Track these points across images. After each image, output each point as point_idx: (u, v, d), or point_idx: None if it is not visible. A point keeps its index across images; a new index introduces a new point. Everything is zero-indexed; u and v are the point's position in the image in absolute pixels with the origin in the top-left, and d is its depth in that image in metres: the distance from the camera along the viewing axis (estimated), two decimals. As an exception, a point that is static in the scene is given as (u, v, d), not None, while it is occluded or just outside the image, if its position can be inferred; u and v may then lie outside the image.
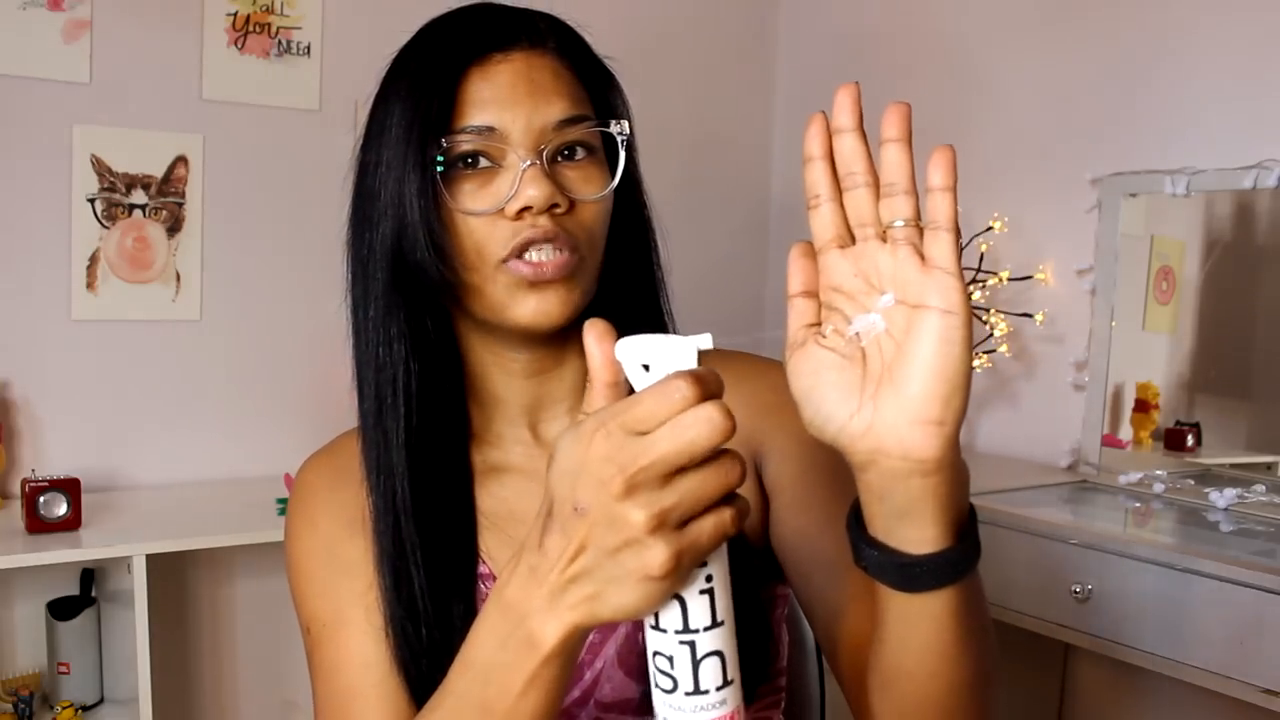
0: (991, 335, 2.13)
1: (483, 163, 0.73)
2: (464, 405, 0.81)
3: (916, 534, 0.54)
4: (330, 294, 2.63)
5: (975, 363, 2.13)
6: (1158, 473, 1.96)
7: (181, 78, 2.09)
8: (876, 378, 0.52)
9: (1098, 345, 2.09)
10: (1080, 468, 2.10)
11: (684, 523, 0.50)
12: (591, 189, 0.75)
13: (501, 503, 0.81)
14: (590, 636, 0.76)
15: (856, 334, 0.53)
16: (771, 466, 0.80)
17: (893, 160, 0.53)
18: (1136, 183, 2.02)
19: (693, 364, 0.51)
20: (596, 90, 0.78)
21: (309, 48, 2.20)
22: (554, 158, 0.73)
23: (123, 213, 2.05)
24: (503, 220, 0.72)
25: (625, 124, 0.77)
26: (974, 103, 2.33)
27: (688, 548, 0.50)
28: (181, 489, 2.09)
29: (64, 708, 1.83)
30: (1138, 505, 1.88)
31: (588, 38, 0.80)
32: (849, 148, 0.53)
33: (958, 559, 0.55)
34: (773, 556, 0.81)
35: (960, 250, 0.52)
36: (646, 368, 0.52)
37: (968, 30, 2.35)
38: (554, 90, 0.74)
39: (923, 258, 0.52)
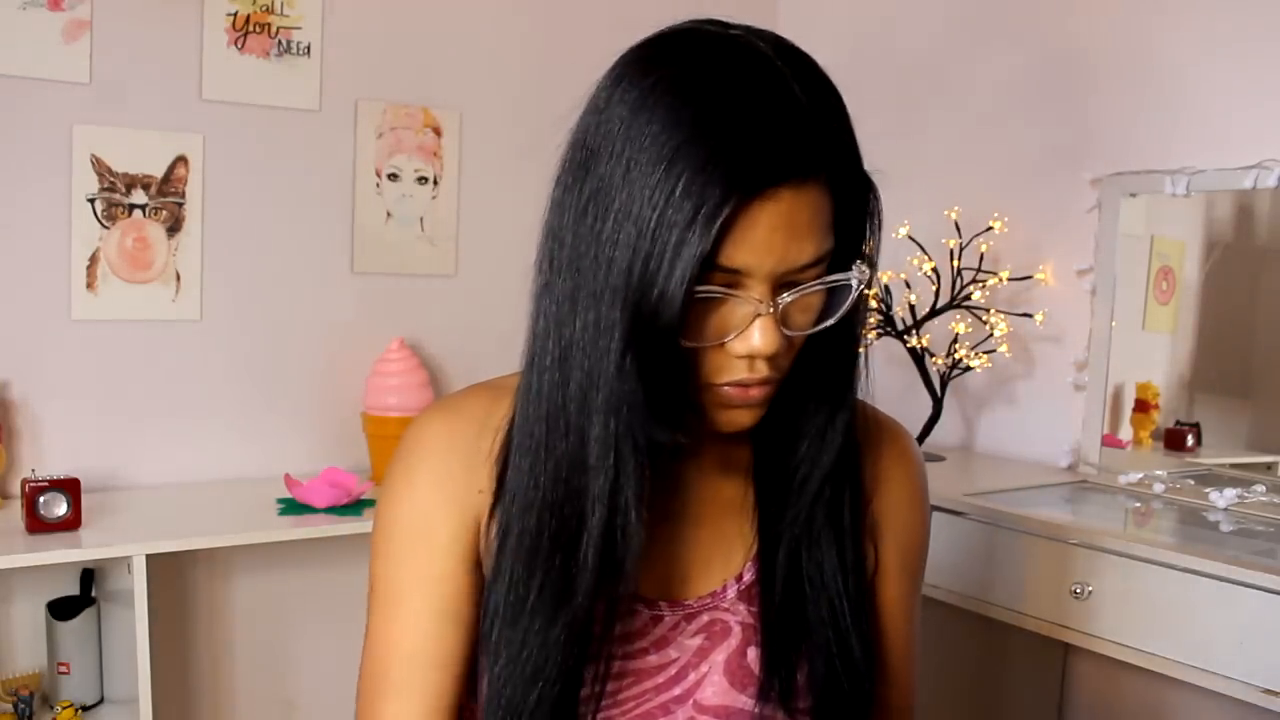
0: (991, 335, 2.13)
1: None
2: None
3: None
4: (330, 294, 2.65)
5: (975, 362, 2.13)
6: (1158, 473, 1.96)
7: (181, 78, 2.09)
8: None
9: (1098, 345, 2.09)
10: (1080, 468, 2.10)
11: None
12: (808, 320, 0.72)
13: None
14: (699, 641, 0.80)
15: None
16: (878, 539, 0.86)
17: None
18: (1136, 183, 2.02)
19: None
20: (850, 217, 0.72)
21: (309, 48, 2.20)
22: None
23: (123, 213, 2.05)
24: (721, 350, 0.69)
25: (865, 270, 0.72)
26: (974, 102, 2.33)
27: None
28: (181, 489, 2.09)
29: (64, 708, 1.83)
30: (1138, 505, 1.88)
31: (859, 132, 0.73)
32: None
33: None
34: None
35: None
36: None
37: (966, 30, 2.35)
38: (808, 232, 0.67)
39: None
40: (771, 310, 0.68)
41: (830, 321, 0.72)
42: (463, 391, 0.85)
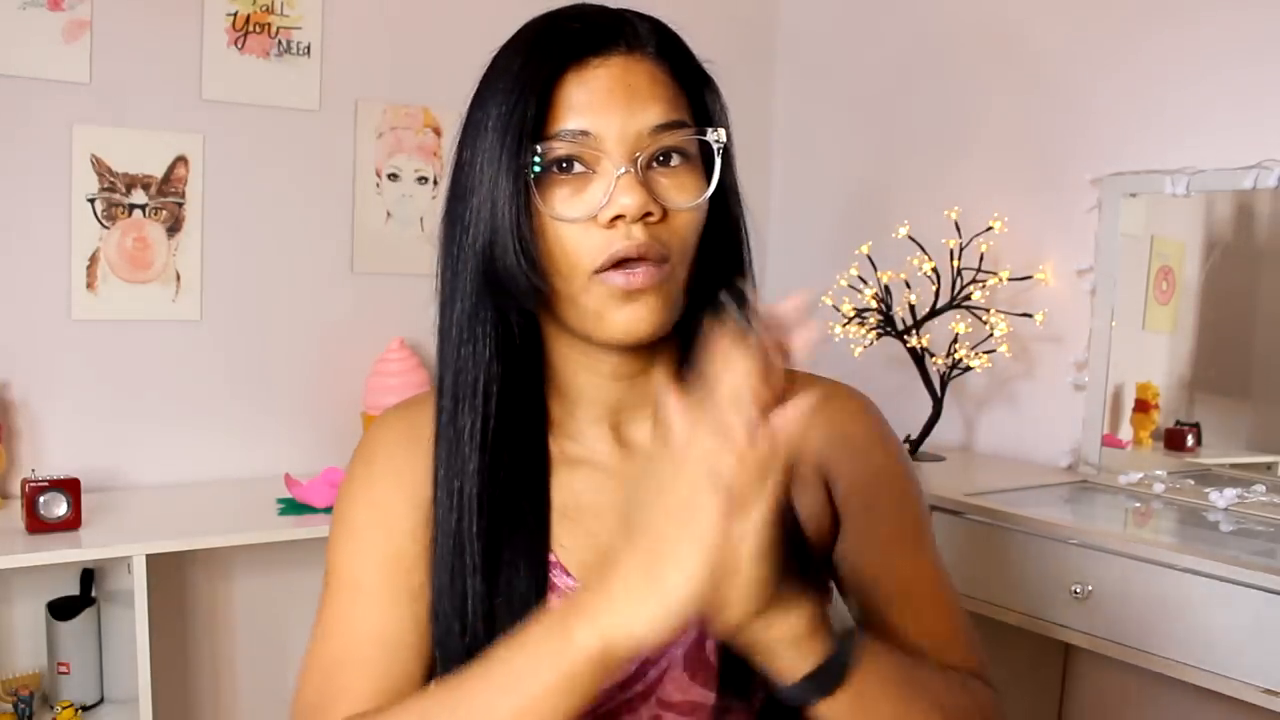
0: (991, 335, 2.13)
1: (577, 168, 0.72)
2: (543, 397, 0.82)
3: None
4: (330, 294, 2.65)
5: (975, 363, 2.13)
6: (1158, 473, 1.96)
7: (181, 78, 2.09)
8: None
9: (1098, 345, 2.09)
10: (1080, 468, 2.10)
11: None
12: (685, 197, 0.74)
13: (575, 495, 0.81)
14: None
15: None
16: (840, 491, 0.84)
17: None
18: (1136, 183, 2.02)
19: None
20: (694, 94, 0.77)
21: (309, 48, 2.20)
22: (649, 164, 0.73)
23: (123, 213, 2.05)
24: (595, 228, 0.72)
25: (722, 131, 0.76)
26: (974, 102, 2.33)
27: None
28: (181, 489, 2.09)
29: (64, 708, 1.83)
30: (1138, 505, 1.88)
31: (687, 40, 0.79)
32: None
33: (790, 695, 0.64)
34: (828, 569, 0.85)
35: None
36: None
37: (966, 30, 2.35)
38: (650, 94, 0.73)
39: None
40: (629, 170, 0.71)
41: (708, 192, 0.75)
42: (420, 394, 0.87)
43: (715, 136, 0.76)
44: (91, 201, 2.02)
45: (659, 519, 0.59)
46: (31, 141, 1.96)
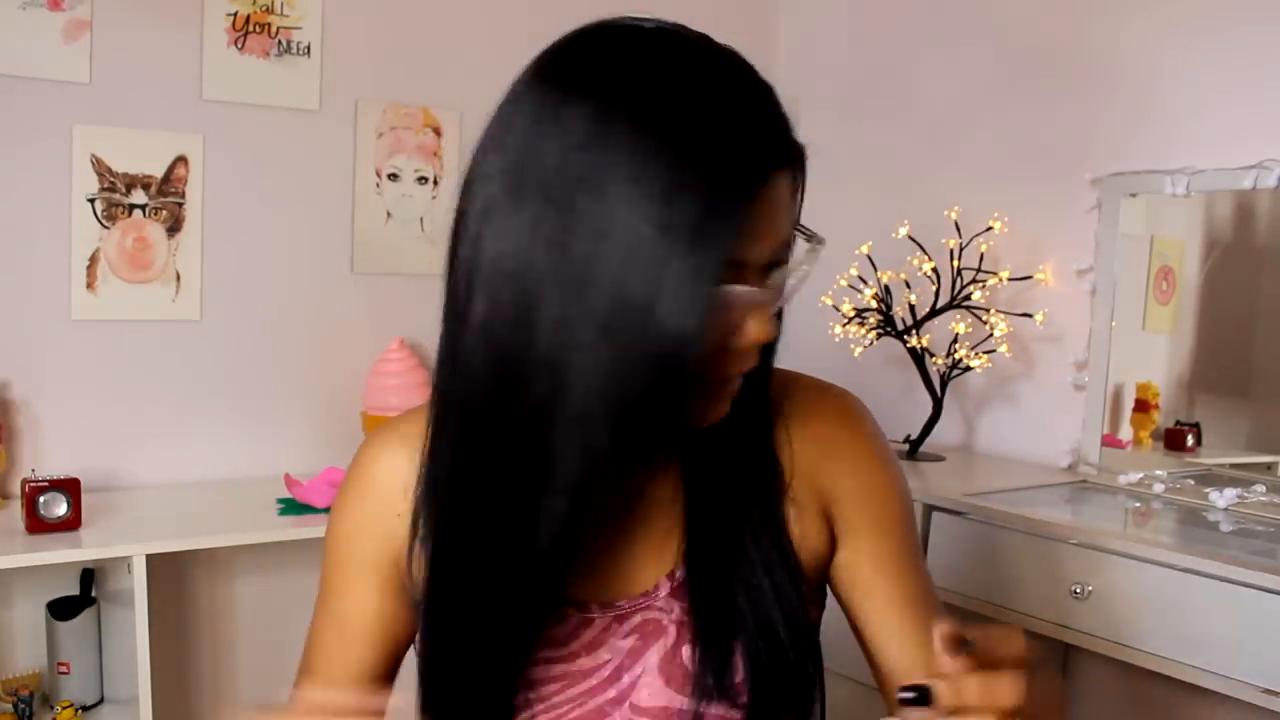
0: (991, 335, 2.13)
1: None
2: None
3: None
4: (330, 294, 2.63)
5: (975, 362, 2.13)
6: (1158, 473, 1.96)
7: (181, 78, 2.09)
8: None
9: (1098, 345, 2.09)
10: (1080, 468, 2.10)
11: None
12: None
13: None
14: (632, 642, 0.79)
15: None
16: (836, 507, 0.83)
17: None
18: (1136, 183, 2.02)
19: None
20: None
21: (309, 48, 2.20)
22: None
23: (123, 213, 2.05)
24: (722, 345, 0.68)
25: (823, 240, 0.72)
26: (974, 102, 2.33)
27: None
28: (181, 489, 2.09)
29: (64, 708, 1.83)
30: (1138, 505, 1.88)
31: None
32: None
33: None
34: (821, 583, 0.85)
35: None
36: None
37: (966, 29, 2.35)
38: (789, 209, 0.67)
39: None
40: (771, 301, 0.68)
41: (798, 289, 0.71)
42: (410, 412, 0.86)
43: (819, 246, 0.72)
44: (91, 201, 2.02)
45: None
46: (31, 141, 1.96)
